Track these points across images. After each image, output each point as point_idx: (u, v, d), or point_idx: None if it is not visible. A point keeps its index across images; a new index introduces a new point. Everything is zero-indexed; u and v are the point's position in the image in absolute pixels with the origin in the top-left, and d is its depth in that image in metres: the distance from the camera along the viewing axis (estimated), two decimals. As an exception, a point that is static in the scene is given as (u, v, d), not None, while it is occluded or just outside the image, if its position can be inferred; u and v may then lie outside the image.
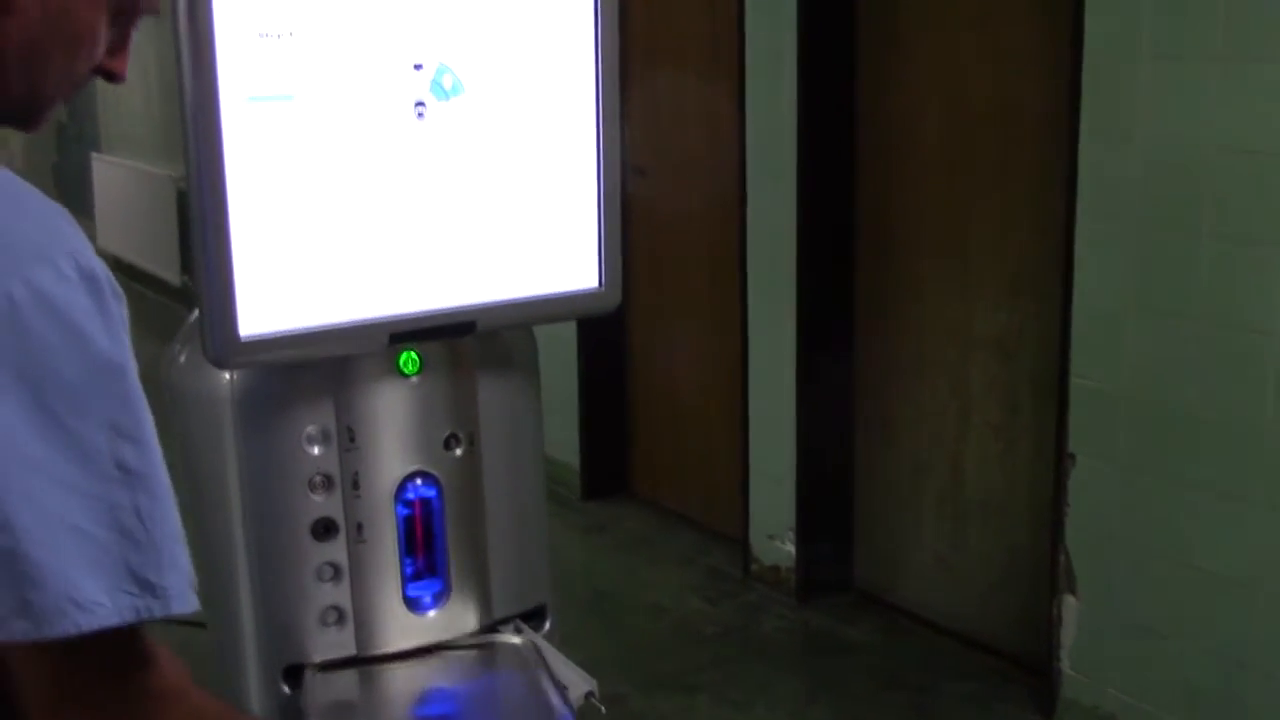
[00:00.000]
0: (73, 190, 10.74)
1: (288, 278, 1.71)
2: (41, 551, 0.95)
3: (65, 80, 1.11)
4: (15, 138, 12.70)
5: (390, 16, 1.71)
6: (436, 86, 1.75)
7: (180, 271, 7.90)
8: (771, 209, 4.29)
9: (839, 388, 4.38)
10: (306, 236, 1.71)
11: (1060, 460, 3.49)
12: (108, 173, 9.54)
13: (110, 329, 0.99)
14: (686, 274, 4.99)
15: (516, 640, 2.04)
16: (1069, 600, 3.51)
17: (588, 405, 5.31)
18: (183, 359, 1.92)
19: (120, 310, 1.01)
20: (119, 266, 9.29)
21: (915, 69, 4.04)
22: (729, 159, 4.48)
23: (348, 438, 1.90)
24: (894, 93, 4.12)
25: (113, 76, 1.15)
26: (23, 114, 1.11)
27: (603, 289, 1.94)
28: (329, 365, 1.87)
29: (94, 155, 9.93)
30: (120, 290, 1.03)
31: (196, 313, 1.78)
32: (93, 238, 10.02)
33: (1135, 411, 3.31)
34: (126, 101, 9.21)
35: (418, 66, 1.73)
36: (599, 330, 5.14)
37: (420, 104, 1.75)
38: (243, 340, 1.69)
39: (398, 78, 1.73)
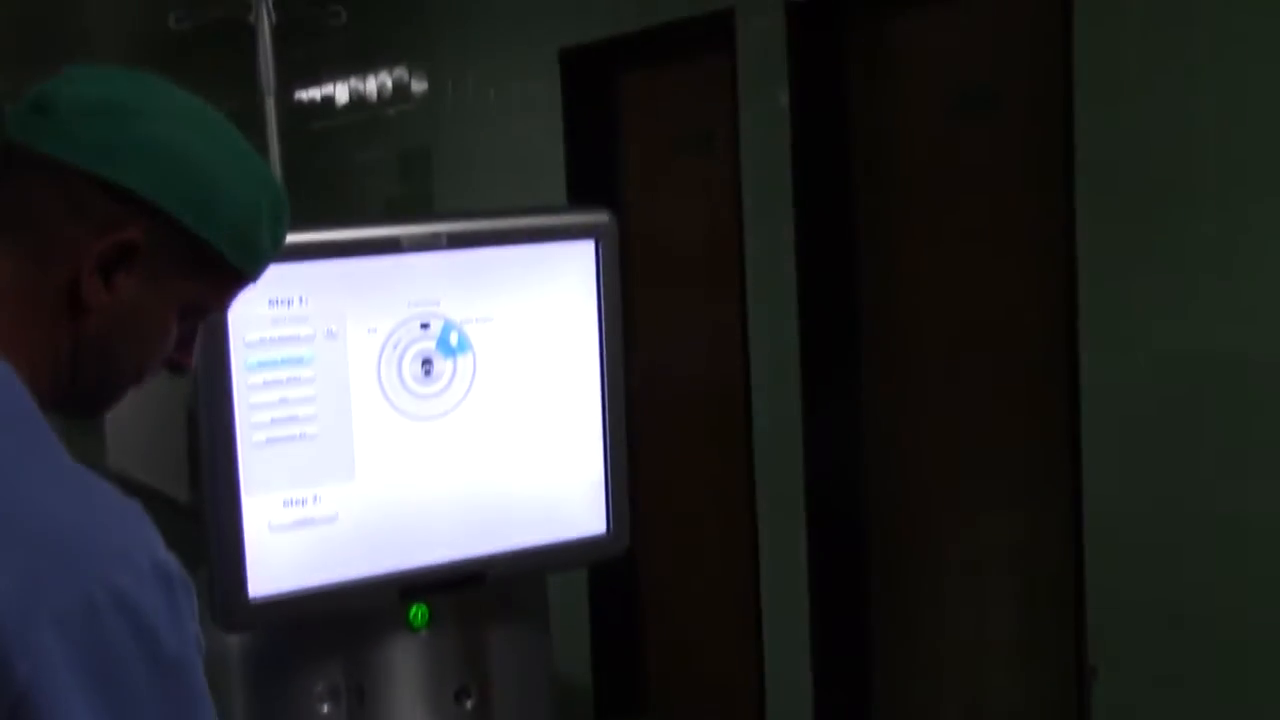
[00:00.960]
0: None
1: (297, 536, 1.72)
2: None
3: (134, 373, 1.15)
4: (27, 355, 12.82)
5: (397, 277, 1.75)
6: (443, 344, 1.77)
7: (189, 488, 7.89)
8: (778, 430, 4.30)
9: (855, 603, 4.33)
10: (316, 494, 1.72)
11: (1081, 674, 3.43)
12: (118, 389, 9.59)
13: (179, 624, 1.01)
14: (696, 483, 4.98)
15: None
16: (1097, 816, 3.41)
17: (599, 618, 5.25)
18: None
19: (189, 602, 1.03)
20: (128, 484, 9.30)
21: (916, 284, 4.09)
22: (733, 378, 4.51)
23: (357, 696, 1.88)
24: (895, 306, 4.16)
25: (179, 368, 1.18)
26: (89, 404, 1.15)
27: (610, 535, 1.93)
28: (337, 620, 1.86)
29: (105, 372, 10.01)
30: (188, 581, 1.04)
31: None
32: (103, 455, 10.05)
33: (1155, 620, 3.27)
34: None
35: (424, 325, 1.76)
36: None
37: (428, 361, 1.77)
38: (252, 602, 1.68)
39: (405, 336, 1.75)
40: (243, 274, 1.18)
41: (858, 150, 4.21)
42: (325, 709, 1.86)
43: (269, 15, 3.44)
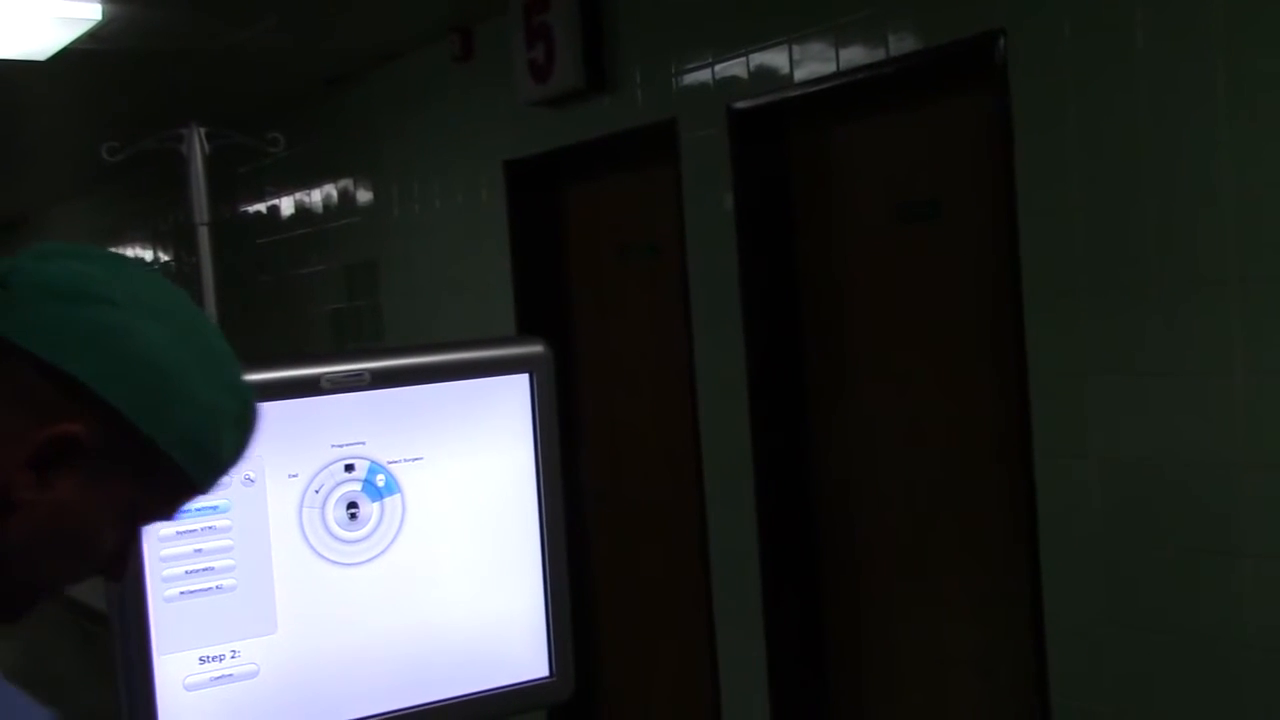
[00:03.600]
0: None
1: (215, 694, 1.62)
2: None
3: (62, 578, 1.05)
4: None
5: (318, 418, 1.67)
6: (369, 487, 1.70)
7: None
8: (735, 545, 4.23)
9: (815, 710, 4.24)
10: (234, 649, 1.63)
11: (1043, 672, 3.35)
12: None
13: None
14: (652, 597, 4.89)
15: None
16: None
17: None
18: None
19: None
20: (79, 610, 9.10)
21: (864, 387, 4.05)
22: (686, 489, 4.45)
23: None
24: (844, 411, 4.12)
25: (112, 576, 1.09)
26: (11, 607, 1.05)
27: (554, 678, 1.85)
28: (265, 778, 1.76)
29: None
30: None
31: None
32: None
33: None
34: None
35: (349, 468, 1.69)
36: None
37: (353, 505, 1.69)
38: (169, 770, 1.59)
39: (328, 480, 1.67)
40: (196, 484, 1.07)
41: (802, 256, 4.19)
42: None
43: (202, 147, 3.41)
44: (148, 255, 8.64)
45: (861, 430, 4.05)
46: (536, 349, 1.82)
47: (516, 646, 1.83)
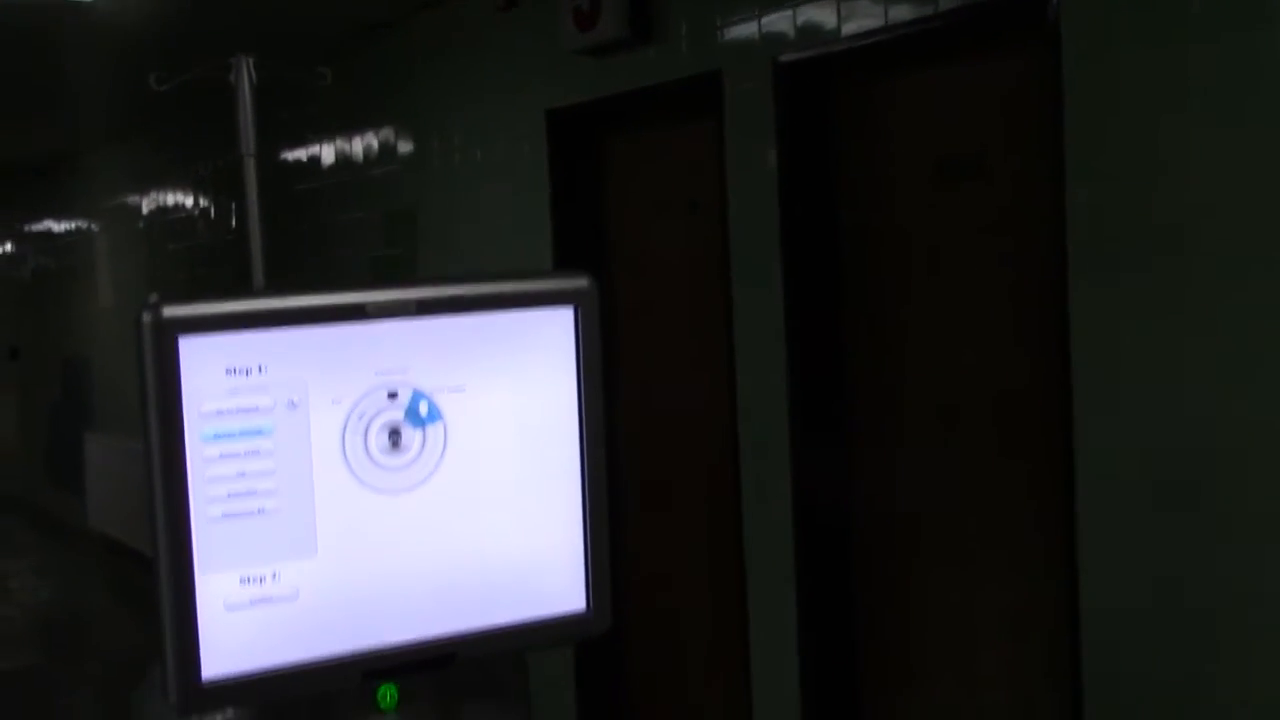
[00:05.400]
0: (65, 469, 10.70)
1: (253, 614, 1.63)
2: None
3: None
4: (11, 419, 12.75)
5: (362, 345, 1.67)
6: (412, 414, 1.70)
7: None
8: (769, 496, 4.23)
9: (845, 690, 4.24)
10: (274, 571, 1.64)
11: (1077, 669, 3.34)
12: (100, 451, 9.51)
13: None
14: (683, 568, 4.90)
15: None
16: None
17: (584, 703, 5.15)
18: (151, 695, 1.83)
19: None
20: (109, 545, 9.19)
21: (903, 344, 4.03)
22: (723, 441, 4.44)
23: (321, 780, 1.79)
24: (883, 367, 4.10)
25: None
26: None
27: (590, 613, 1.85)
28: (301, 702, 1.78)
29: (87, 434, 9.93)
30: None
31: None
32: (84, 517, 9.95)
33: (1151, 694, 3.19)
34: (120, 381, 9.24)
35: (392, 395, 1.69)
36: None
37: (395, 432, 1.69)
38: (205, 684, 1.60)
39: (371, 407, 1.68)
40: None
41: (845, 210, 4.16)
42: (286, 797, 1.78)
43: (250, 76, 3.41)
44: (188, 200, 8.66)
45: (898, 388, 4.03)
46: (581, 282, 1.81)
47: (554, 579, 1.83)
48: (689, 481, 4.83)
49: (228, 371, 1.59)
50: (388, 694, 1.80)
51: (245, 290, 1.79)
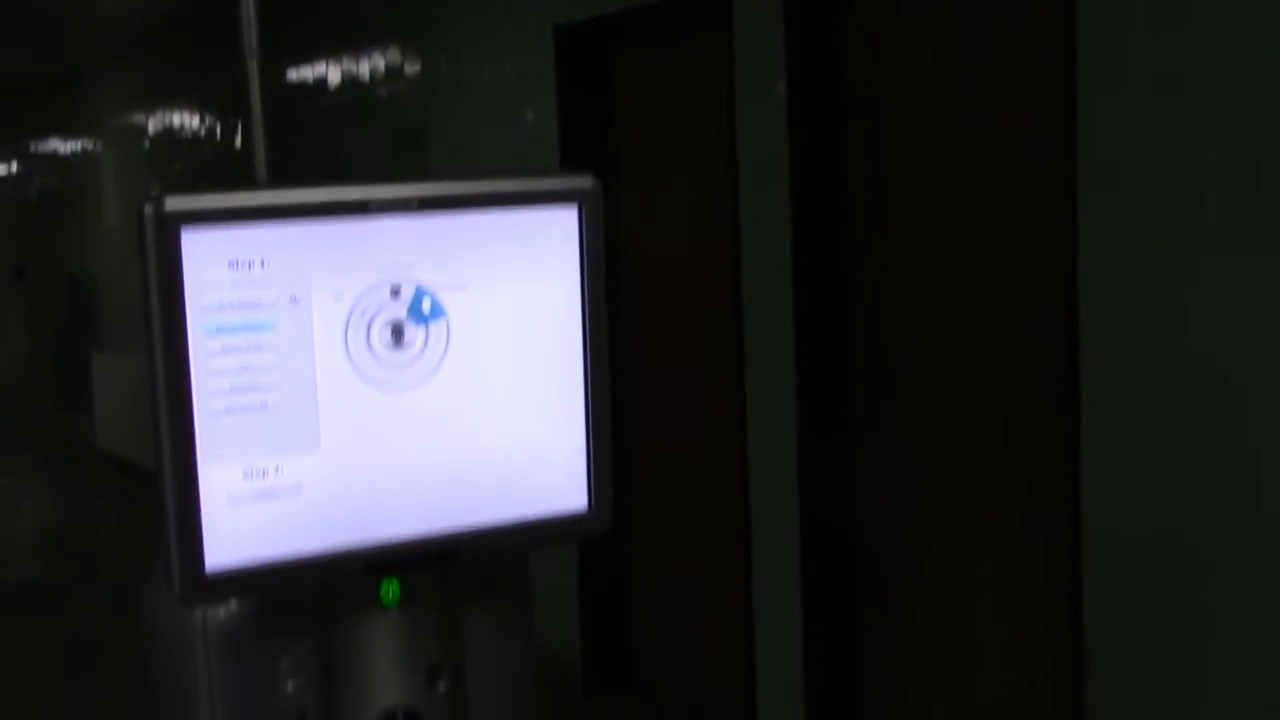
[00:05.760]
0: (73, 389, 10.74)
1: (256, 507, 1.64)
2: None
3: None
4: (18, 337, 12.78)
5: (365, 240, 1.67)
6: (415, 311, 1.70)
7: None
8: (771, 402, 4.24)
9: (845, 582, 4.27)
10: (277, 465, 1.65)
11: (1078, 661, 3.37)
12: (108, 371, 9.54)
13: None
14: (688, 463, 4.92)
15: None
16: (1091, 807, 3.35)
17: (588, 595, 5.20)
18: (154, 590, 1.84)
19: None
20: (118, 464, 9.23)
21: (911, 262, 4.02)
22: (726, 350, 4.44)
23: (324, 672, 1.81)
24: (892, 283, 4.09)
25: None
26: None
27: (592, 512, 1.86)
28: (304, 595, 1.79)
29: (95, 354, 9.95)
30: None
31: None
32: (92, 435, 10.00)
33: (1153, 612, 3.21)
34: (126, 300, 9.26)
35: (395, 291, 1.68)
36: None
37: (398, 329, 1.69)
38: (208, 575, 1.61)
39: (374, 303, 1.67)
40: None
41: (854, 129, 4.14)
42: (290, 686, 1.79)
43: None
44: (194, 120, 8.63)
45: (906, 308, 4.03)
46: (585, 181, 1.80)
47: (557, 477, 1.84)
48: (692, 394, 4.84)
49: (230, 265, 1.59)
50: (390, 590, 1.81)
51: (248, 184, 1.78)
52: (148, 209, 1.55)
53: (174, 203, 1.56)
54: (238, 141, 7.88)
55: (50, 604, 6.93)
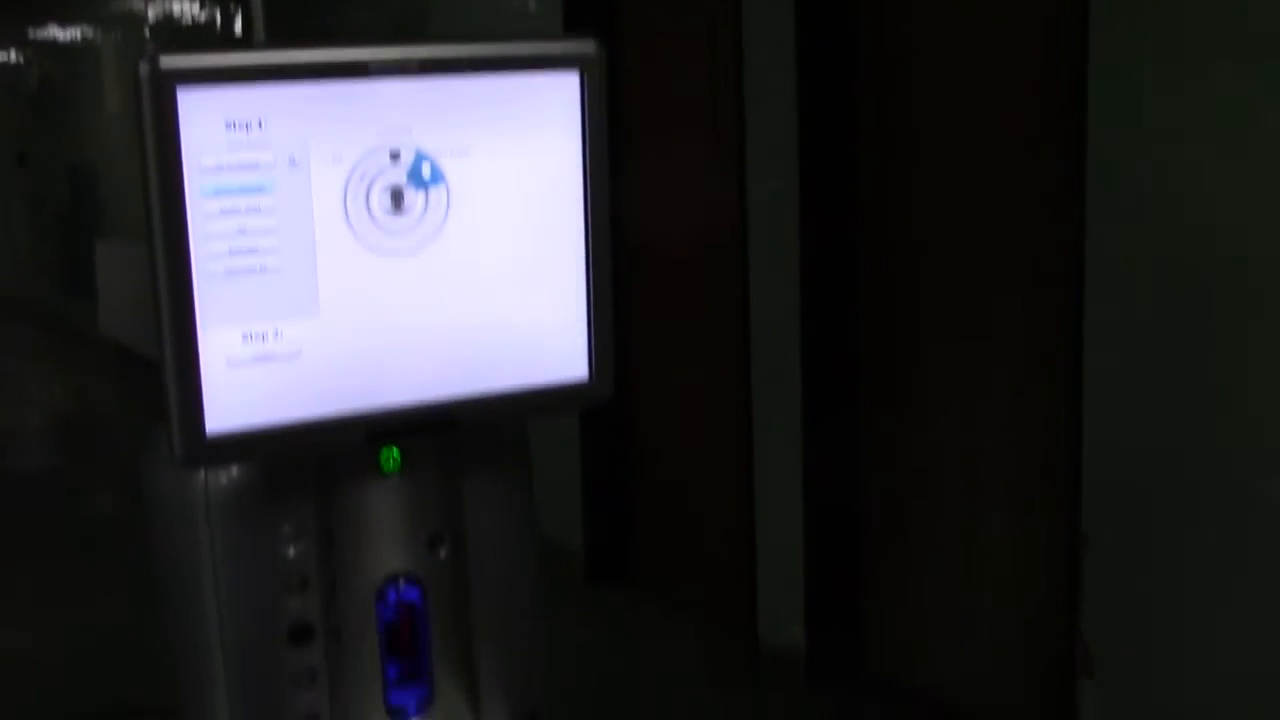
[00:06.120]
0: (76, 276, 10.73)
1: (256, 371, 1.64)
2: None
3: None
4: (21, 225, 12.74)
5: (365, 103, 1.65)
6: (414, 176, 1.68)
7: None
8: (773, 287, 4.22)
9: (847, 471, 4.29)
10: (277, 329, 1.64)
11: (1074, 541, 3.39)
12: (110, 258, 9.52)
13: None
14: (690, 352, 4.92)
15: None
16: (1087, 684, 3.40)
17: (590, 485, 5.23)
18: (157, 456, 1.85)
19: None
20: (120, 352, 9.24)
21: (918, 146, 3.99)
22: (728, 232, 4.42)
23: (325, 538, 1.82)
24: (897, 170, 4.06)
25: None
26: None
27: (593, 381, 1.86)
28: (305, 461, 1.80)
29: (97, 241, 9.93)
30: None
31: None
32: (94, 323, 10.00)
33: (1151, 492, 3.22)
34: (130, 188, 9.21)
35: (394, 156, 1.67)
36: (601, 408, 5.08)
37: (397, 193, 1.68)
38: (209, 438, 1.61)
39: (373, 166, 1.66)
40: None
41: (863, 17, 4.09)
42: (292, 553, 1.81)
43: None
44: (195, 6, 8.53)
45: (912, 184, 4.00)
46: (588, 47, 1.78)
47: (557, 346, 1.83)
48: (694, 271, 4.83)
49: (227, 126, 1.57)
50: (390, 457, 1.82)
51: (245, 44, 1.75)
52: (143, 68, 1.53)
53: (170, 61, 1.54)
54: (238, 29, 7.80)
55: (56, 489, 6.99)
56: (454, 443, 1.88)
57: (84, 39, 10.88)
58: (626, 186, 4.85)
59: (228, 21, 7.99)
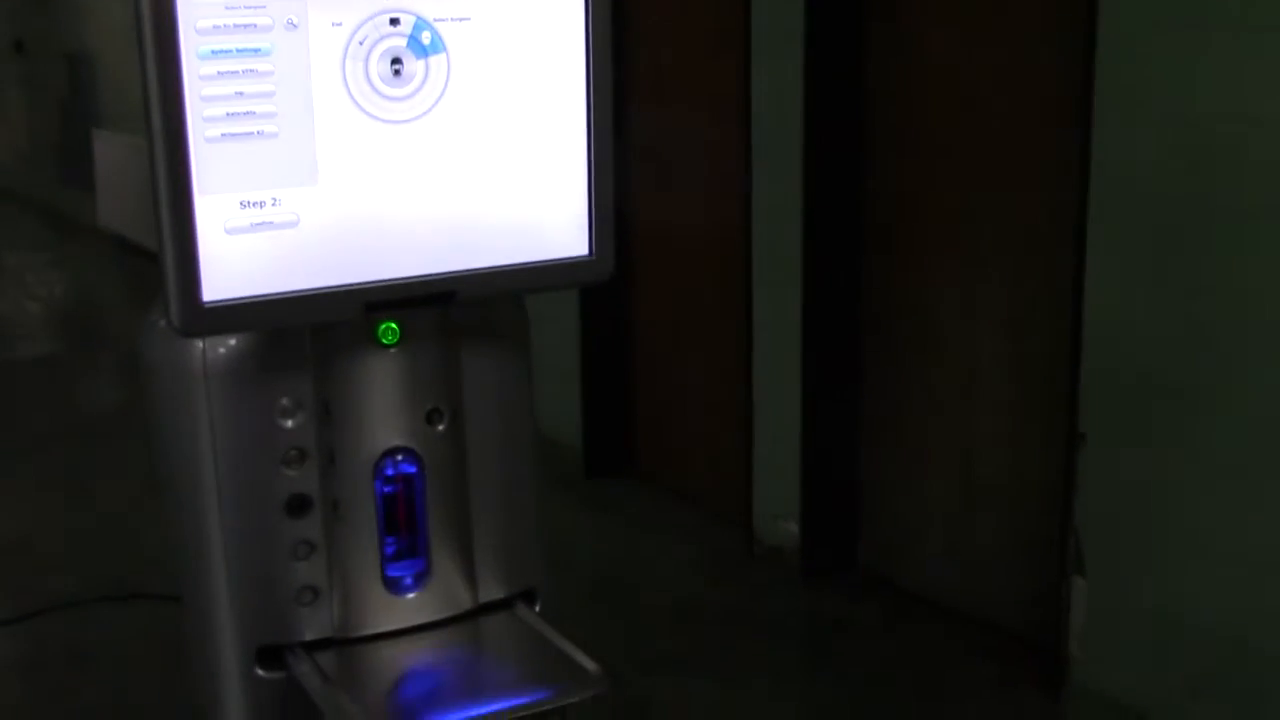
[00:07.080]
0: (74, 166, 10.66)
1: (254, 240, 1.63)
2: None
3: None
4: (19, 114, 12.63)
5: (365, -32, 1.62)
6: (414, 43, 1.66)
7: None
8: (777, 191, 4.19)
9: (845, 366, 4.29)
10: (275, 196, 1.63)
11: (1070, 440, 3.40)
12: (109, 149, 9.45)
13: None
14: (691, 252, 4.90)
15: (515, 615, 1.98)
16: (1078, 583, 3.42)
17: (590, 382, 5.23)
18: (156, 329, 1.84)
19: None
20: (119, 243, 9.22)
21: (924, 51, 3.94)
22: (734, 139, 4.38)
23: (323, 411, 1.82)
24: (902, 74, 4.02)
25: None
26: None
27: (593, 257, 1.84)
28: (304, 335, 1.79)
29: (95, 131, 9.84)
30: None
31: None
32: (93, 214, 9.95)
33: (1147, 391, 3.22)
34: (128, 77, 9.11)
35: (394, 21, 1.64)
36: (601, 306, 5.08)
37: (397, 61, 1.66)
38: (206, 306, 1.60)
39: (372, 32, 1.64)
40: None
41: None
42: (289, 424, 1.80)
43: None
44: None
45: (917, 81, 3.96)
46: (591, -85, 1.75)
47: (558, 222, 1.82)
48: (697, 180, 4.81)
49: (226, -6, 1.54)
50: (389, 330, 1.81)
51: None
52: (138, -74, 1.50)
53: (165, -81, 1.51)
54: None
55: (59, 376, 7.00)
56: (453, 318, 1.87)
57: (81, -76, 10.72)
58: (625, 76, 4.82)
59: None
